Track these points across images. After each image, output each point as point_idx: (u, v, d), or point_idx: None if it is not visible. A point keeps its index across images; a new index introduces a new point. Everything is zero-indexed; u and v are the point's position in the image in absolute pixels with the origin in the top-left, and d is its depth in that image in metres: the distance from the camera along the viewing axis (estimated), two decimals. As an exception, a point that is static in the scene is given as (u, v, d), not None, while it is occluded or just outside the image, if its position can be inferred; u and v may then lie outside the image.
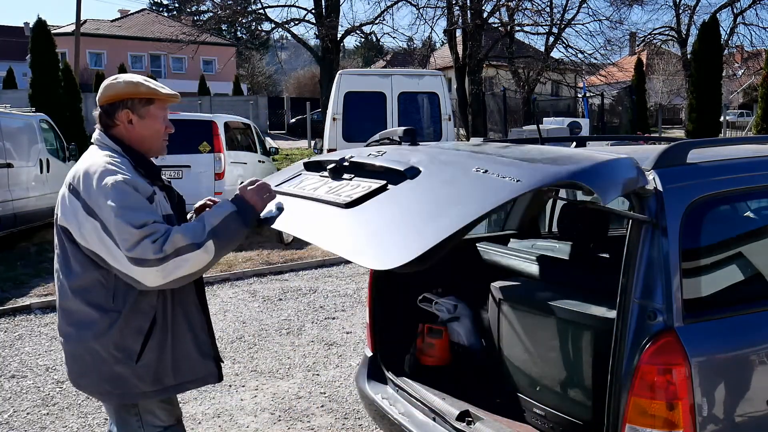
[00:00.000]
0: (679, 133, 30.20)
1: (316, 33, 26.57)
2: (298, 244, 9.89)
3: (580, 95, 26.69)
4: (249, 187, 2.30)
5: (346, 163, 2.49)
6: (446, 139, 10.60)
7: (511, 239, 3.74)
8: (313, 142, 19.47)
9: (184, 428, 2.50)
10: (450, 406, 2.73)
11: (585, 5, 30.78)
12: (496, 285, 2.92)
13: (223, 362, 2.53)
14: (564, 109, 27.61)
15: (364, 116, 10.21)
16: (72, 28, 29.39)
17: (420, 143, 2.83)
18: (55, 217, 2.29)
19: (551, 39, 27.93)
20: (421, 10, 26.04)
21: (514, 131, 17.62)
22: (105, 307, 2.19)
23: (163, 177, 2.44)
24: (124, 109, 2.31)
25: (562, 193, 4.08)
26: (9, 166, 9.26)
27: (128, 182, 2.15)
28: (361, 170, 2.43)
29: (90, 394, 2.44)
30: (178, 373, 2.31)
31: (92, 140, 2.36)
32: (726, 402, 2.15)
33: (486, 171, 2.08)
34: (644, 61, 31.19)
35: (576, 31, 44.12)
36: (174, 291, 2.26)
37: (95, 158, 2.24)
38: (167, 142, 2.44)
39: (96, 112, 2.35)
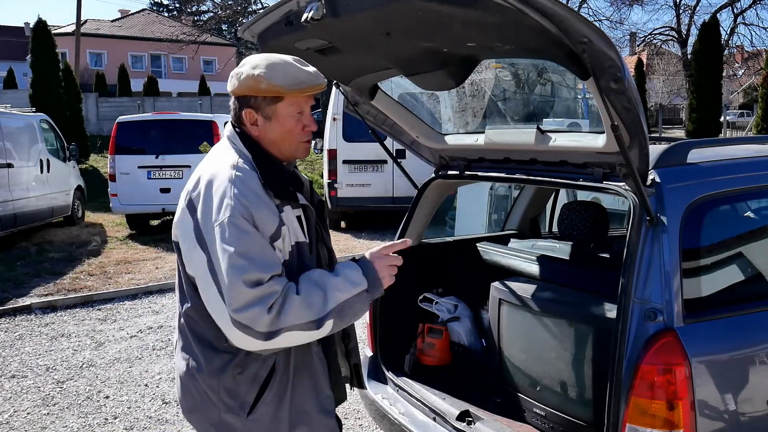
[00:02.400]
0: (679, 133, 30.17)
1: (317, 33, 26.51)
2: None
3: (579, 96, 26.65)
4: (381, 258, 1.87)
5: None
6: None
7: (512, 239, 3.74)
8: (313, 142, 19.47)
9: None
10: (450, 406, 2.73)
11: (585, 5, 30.87)
12: (496, 285, 2.92)
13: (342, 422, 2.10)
14: (563, 109, 27.56)
15: None
16: (72, 28, 29.41)
17: None
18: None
19: (551, 39, 27.91)
20: (421, 10, 26.02)
21: None
22: (215, 346, 1.83)
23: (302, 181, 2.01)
24: (247, 108, 1.86)
25: (563, 193, 4.08)
26: (9, 166, 9.27)
27: (248, 216, 1.72)
28: None
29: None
30: (295, 430, 1.92)
31: (225, 133, 1.95)
32: (726, 402, 2.14)
33: None
34: (644, 61, 31.16)
35: (576, 31, 44.07)
36: None
37: (221, 166, 1.81)
38: (309, 143, 1.95)
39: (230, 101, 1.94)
